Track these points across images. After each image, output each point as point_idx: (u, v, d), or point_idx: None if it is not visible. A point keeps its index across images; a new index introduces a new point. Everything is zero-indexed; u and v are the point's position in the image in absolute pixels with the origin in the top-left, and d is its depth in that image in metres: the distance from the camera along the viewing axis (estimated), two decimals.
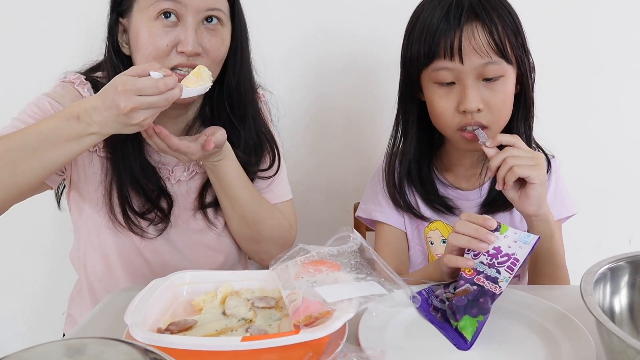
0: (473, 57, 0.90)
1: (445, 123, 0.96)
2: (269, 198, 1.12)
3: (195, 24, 0.93)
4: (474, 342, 0.71)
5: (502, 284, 0.75)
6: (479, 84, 0.92)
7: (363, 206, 1.14)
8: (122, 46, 0.99)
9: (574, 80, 1.42)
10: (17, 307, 1.61)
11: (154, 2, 0.91)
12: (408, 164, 1.05)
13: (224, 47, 0.98)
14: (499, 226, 0.81)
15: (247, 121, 1.07)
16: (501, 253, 0.78)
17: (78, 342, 0.55)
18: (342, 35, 1.39)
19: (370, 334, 0.71)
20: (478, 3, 0.91)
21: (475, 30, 0.90)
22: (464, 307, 0.74)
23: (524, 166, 0.85)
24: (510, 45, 0.92)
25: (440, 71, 0.93)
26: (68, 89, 0.99)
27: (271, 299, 0.77)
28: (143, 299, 0.74)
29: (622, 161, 1.48)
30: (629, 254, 0.67)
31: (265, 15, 1.32)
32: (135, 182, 1.00)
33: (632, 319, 0.66)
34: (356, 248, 0.79)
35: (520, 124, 1.00)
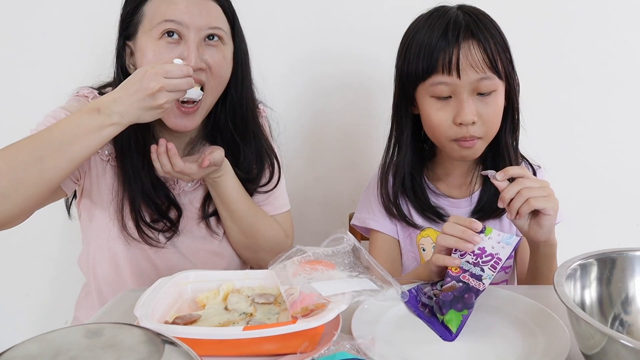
0: (469, 73, 0.95)
1: (441, 134, 1.01)
2: (268, 210, 1.18)
3: (197, 41, 0.98)
4: (458, 333, 0.76)
5: (485, 281, 0.80)
6: (474, 98, 0.97)
7: (358, 215, 1.18)
8: (129, 68, 1.04)
9: (558, 93, 1.49)
10: (21, 317, 1.64)
11: (157, 24, 0.97)
12: (402, 176, 1.09)
13: (226, 64, 1.03)
14: (484, 228, 0.86)
15: (248, 137, 1.12)
16: (485, 253, 0.83)
17: (95, 327, 0.60)
18: (338, 56, 1.46)
19: (362, 326, 0.76)
20: (473, 22, 0.98)
21: (472, 47, 0.96)
22: (450, 302, 0.79)
23: (540, 198, 0.86)
24: (501, 62, 0.98)
25: (438, 86, 0.98)
26: (82, 103, 1.04)
27: (270, 296, 0.82)
28: (151, 295, 0.79)
29: (606, 172, 1.54)
30: (597, 251, 0.73)
31: (265, 35, 1.39)
32: (146, 196, 1.04)
33: (601, 311, 0.72)
34: (350, 249, 0.84)
35: (507, 135, 1.05)
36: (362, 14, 1.43)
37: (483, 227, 0.86)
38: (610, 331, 0.57)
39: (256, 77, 1.13)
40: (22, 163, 0.85)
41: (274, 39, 1.44)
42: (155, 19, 0.97)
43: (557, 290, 0.64)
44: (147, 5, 0.99)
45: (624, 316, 0.72)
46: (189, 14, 0.97)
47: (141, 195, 1.04)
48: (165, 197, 1.08)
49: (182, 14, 0.96)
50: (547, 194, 0.87)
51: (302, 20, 1.44)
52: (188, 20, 0.97)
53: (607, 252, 0.73)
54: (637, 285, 0.72)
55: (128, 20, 1.01)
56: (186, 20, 0.97)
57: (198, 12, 0.97)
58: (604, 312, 0.72)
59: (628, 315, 0.72)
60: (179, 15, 0.96)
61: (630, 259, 0.73)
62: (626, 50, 1.47)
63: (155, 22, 0.97)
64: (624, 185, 1.56)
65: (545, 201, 0.86)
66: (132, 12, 1.00)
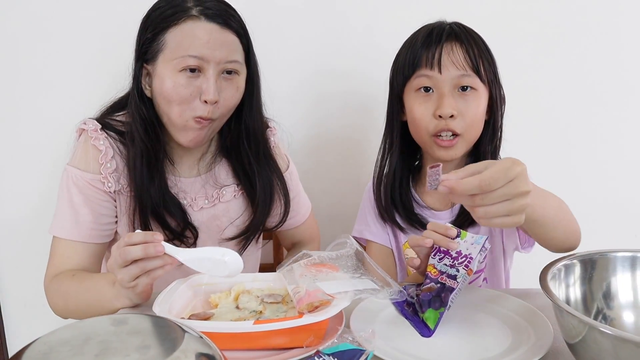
0: (450, 69, 1.03)
1: (421, 127, 1.07)
2: (297, 220, 1.26)
3: (215, 75, 1.01)
4: (435, 329, 0.82)
5: (459, 280, 0.86)
6: (455, 94, 1.05)
7: (356, 227, 1.25)
8: (144, 88, 1.07)
9: (548, 107, 1.57)
10: (38, 331, 1.70)
11: (180, 57, 1.00)
12: (392, 186, 1.16)
13: (238, 95, 1.07)
14: (460, 232, 0.92)
15: (260, 156, 1.16)
16: (461, 255, 0.89)
17: (121, 316, 0.65)
18: (340, 75, 1.54)
19: (360, 322, 0.82)
20: (458, 29, 1.07)
21: (454, 47, 1.04)
22: (429, 301, 0.85)
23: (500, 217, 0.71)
24: (483, 67, 1.05)
25: (421, 78, 1.06)
26: (86, 147, 1.07)
27: (278, 296, 0.88)
28: (168, 294, 0.85)
29: (593, 184, 1.62)
30: (581, 252, 0.78)
31: (275, 57, 1.47)
32: (162, 220, 1.08)
33: (585, 307, 0.77)
34: (352, 252, 0.90)
35: (487, 145, 1.12)
36: (364, 35, 1.51)
37: (459, 232, 0.92)
38: (590, 320, 0.62)
39: (265, 96, 1.18)
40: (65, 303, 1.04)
41: (282, 59, 1.51)
42: (178, 51, 1.00)
43: (542, 285, 0.70)
44: (169, 34, 1.01)
45: (606, 311, 0.77)
46: (210, 48, 1.00)
47: (155, 217, 1.07)
48: (180, 218, 1.10)
49: (204, 49, 0.99)
50: (506, 213, 0.71)
51: (308, 41, 1.52)
52: (209, 55, 1.00)
53: (590, 254, 0.79)
54: (619, 282, 0.78)
55: (147, 45, 1.03)
56: (207, 55, 1.00)
57: (219, 46, 1.01)
58: (587, 308, 0.77)
59: (611, 310, 0.77)
60: (201, 50, 0.99)
61: (611, 259, 0.78)
62: (615, 62, 1.54)
63: (177, 55, 1.00)
64: (619, 197, 1.62)
65: (509, 221, 0.72)
66: (152, 38, 1.02)
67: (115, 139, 1.09)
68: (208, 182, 1.17)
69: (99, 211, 1.07)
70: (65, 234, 1.06)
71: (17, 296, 1.65)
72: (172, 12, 1.01)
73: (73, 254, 1.06)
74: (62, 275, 1.04)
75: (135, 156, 1.06)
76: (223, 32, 1.02)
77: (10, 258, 1.62)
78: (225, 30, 1.03)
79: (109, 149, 1.07)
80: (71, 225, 1.06)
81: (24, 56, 1.49)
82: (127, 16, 1.07)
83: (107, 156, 1.07)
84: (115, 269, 0.85)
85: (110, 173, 1.07)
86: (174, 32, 1.01)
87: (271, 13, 1.49)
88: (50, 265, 1.07)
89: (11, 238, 1.60)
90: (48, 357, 0.54)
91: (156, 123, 1.08)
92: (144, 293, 0.89)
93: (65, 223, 1.06)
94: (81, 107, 1.18)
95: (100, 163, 1.06)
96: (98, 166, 1.06)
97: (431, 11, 1.15)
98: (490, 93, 1.08)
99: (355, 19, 1.50)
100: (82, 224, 1.06)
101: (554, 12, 1.51)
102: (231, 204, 1.18)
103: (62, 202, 1.07)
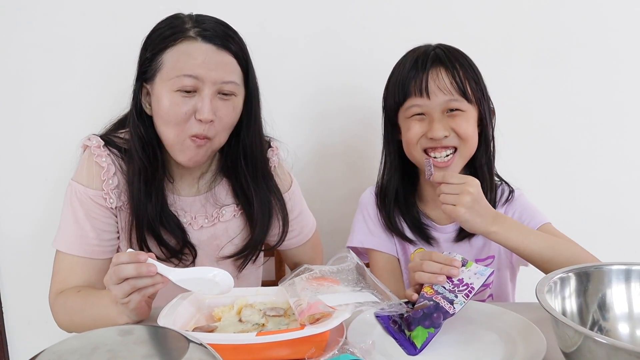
0: (438, 94, 1.07)
1: (414, 148, 1.11)
2: (300, 240, 1.27)
3: (210, 94, 1.02)
4: (422, 349, 0.83)
5: (456, 306, 0.86)
6: (444, 116, 1.09)
7: (356, 237, 1.23)
8: (145, 107, 1.08)
9: (542, 122, 1.61)
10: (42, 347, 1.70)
11: (175, 77, 1.01)
12: (394, 192, 1.18)
13: (234, 114, 1.08)
14: (466, 262, 0.93)
15: (258, 176, 1.17)
16: (463, 283, 0.90)
17: (127, 327, 0.67)
18: (341, 92, 1.57)
19: (358, 336, 0.84)
20: (443, 53, 1.10)
21: (440, 73, 1.08)
22: (419, 319, 0.85)
23: (449, 206, 0.99)
24: (470, 88, 1.09)
25: (412, 107, 1.10)
26: (89, 164, 1.08)
27: (280, 309, 0.90)
28: (172, 307, 0.87)
29: (592, 199, 1.64)
30: (576, 266, 0.80)
31: (275, 77, 1.50)
32: (158, 237, 1.10)
33: (581, 319, 0.78)
34: (353, 266, 0.92)
35: (482, 157, 1.15)
36: (362, 53, 1.55)
37: (465, 261, 0.93)
38: (585, 330, 0.63)
39: (266, 115, 1.19)
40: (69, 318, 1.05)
41: (282, 80, 1.54)
42: (174, 71, 1.02)
43: (538, 297, 0.72)
44: (167, 54, 1.03)
45: (602, 322, 0.79)
46: (205, 68, 1.01)
47: (153, 236, 1.09)
48: (180, 237, 1.11)
49: (199, 69, 1.01)
50: (453, 203, 0.99)
51: (309, 62, 1.55)
52: (204, 75, 1.01)
53: (585, 267, 0.81)
54: (614, 294, 0.79)
55: (147, 64, 1.05)
56: (202, 75, 1.01)
57: (214, 66, 1.02)
58: (583, 319, 0.79)
59: (606, 322, 0.79)
60: (196, 70, 1.01)
61: (606, 272, 0.80)
62: (612, 74, 1.57)
63: (173, 75, 1.02)
64: (618, 211, 1.64)
65: (450, 210, 1.00)
66: (150, 58, 1.04)
67: (117, 155, 1.11)
68: (208, 201, 1.18)
69: (101, 227, 1.09)
70: (70, 249, 1.07)
71: (21, 313, 1.66)
72: (170, 33, 1.04)
73: (78, 270, 1.07)
74: (67, 292, 1.05)
75: (134, 173, 1.08)
76: (219, 53, 1.04)
77: (15, 275, 1.63)
78: (222, 52, 1.04)
79: (110, 166, 1.09)
80: (75, 240, 1.07)
81: (29, 73, 1.51)
82: (133, 34, 1.09)
83: (109, 173, 1.09)
84: (109, 286, 0.89)
85: (112, 189, 1.09)
86: (170, 53, 1.03)
87: (273, 40, 1.52)
88: (55, 280, 1.09)
89: (16, 255, 1.61)
90: None
91: (155, 142, 1.09)
92: (139, 310, 0.91)
93: (70, 238, 1.08)
94: (86, 124, 1.20)
95: (103, 179, 1.08)
96: (100, 182, 1.08)
97: (425, 29, 1.20)
98: (478, 109, 1.12)
99: (353, 39, 1.54)
100: (86, 239, 1.08)
101: (548, 24, 1.55)
102: (230, 223, 1.19)
103: (66, 217, 1.09)
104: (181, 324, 0.85)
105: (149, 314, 0.95)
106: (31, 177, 1.57)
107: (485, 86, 1.14)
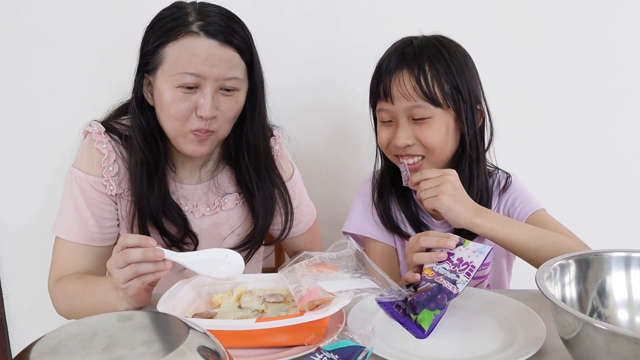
0: (401, 100, 1.05)
1: (386, 152, 1.12)
2: (300, 229, 1.26)
3: (212, 91, 1.01)
4: (430, 332, 0.83)
5: (459, 286, 0.86)
6: (410, 123, 1.06)
7: (352, 223, 1.22)
8: (147, 97, 1.08)
9: (540, 114, 1.61)
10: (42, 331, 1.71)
11: (177, 73, 1.00)
12: (390, 183, 1.18)
13: (237, 108, 1.07)
14: (463, 240, 0.93)
15: (261, 169, 1.15)
16: (462, 262, 0.90)
17: (127, 313, 0.67)
18: (344, 78, 1.57)
19: (358, 322, 0.84)
20: (412, 52, 1.05)
21: (402, 77, 1.04)
22: (423, 302, 0.85)
23: (429, 199, 0.99)
24: (440, 91, 1.04)
25: (381, 111, 1.09)
26: (90, 150, 1.08)
27: (280, 295, 0.90)
28: (172, 294, 0.87)
29: (591, 190, 1.64)
30: (576, 253, 0.80)
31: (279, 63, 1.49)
32: (160, 227, 1.09)
33: (580, 306, 0.78)
34: (353, 253, 0.92)
35: (464, 161, 1.11)
36: (362, 42, 1.53)
37: (462, 240, 0.93)
38: (584, 316, 0.63)
39: (270, 102, 1.17)
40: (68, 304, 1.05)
41: (282, 66, 1.53)
42: (176, 67, 1.00)
43: (538, 284, 0.72)
44: (169, 48, 1.01)
45: (601, 309, 0.79)
46: (208, 65, 0.99)
47: (154, 224, 1.08)
48: (181, 226, 1.11)
49: (202, 66, 0.99)
50: (436, 192, 0.99)
51: (310, 50, 1.55)
52: (207, 72, 1.00)
53: (585, 254, 0.81)
54: (613, 281, 0.79)
55: (148, 56, 1.04)
56: (205, 72, 1.00)
57: (217, 62, 1.00)
58: (583, 306, 0.79)
59: (605, 309, 0.79)
60: (199, 68, 0.99)
61: (606, 259, 0.80)
62: (612, 66, 1.57)
63: (175, 71, 1.00)
64: (616, 203, 1.65)
65: (432, 201, 0.99)
66: (152, 50, 1.02)
67: (118, 142, 1.10)
68: (210, 189, 1.18)
69: (101, 214, 1.09)
70: (70, 236, 1.07)
71: (21, 301, 1.67)
72: (173, 26, 1.01)
73: (77, 257, 1.07)
74: (66, 278, 1.05)
75: (136, 164, 1.07)
76: (223, 48, 1.01)
77: (15, 262, 1.64)
78: (225, 47, 1.02)
79: (111, 153, 1.09)
80: (75, 227, 1.07)
81: (29, 60, 1.51)
82: (133, 21, 1.08)
83: (109, 160, 1.08)
84: (112, 269, 0.88)
85: (112, 176, 1.08)
86: (172, 47, 1.01)
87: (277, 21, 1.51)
88: (54, 267, 1.08)
89: (15, 243, 1.62)
90: (57, 351, 0.56)
91: (157, 132, 1.09)
92: (138, 297, 0.90)
93: (70, 225, 1.07)
94: (86, 111, 1.20)
95: (103, 166, 1.08)
96: (101, 169, 1.08)
97: (426, 18, 1.18)
98: (457, 112, 1.06)
99: (355, 22, 1.53)
100: (86, 227, 1.07)
101: (550, 17, 1.54)
102: (232, 212, 1.19)
103: (66, 203, 1.09)
104: (181, 310, 0.85)
105: (148, 300, 0.94)
106: (31, 166, 1.57)
107: (471, 85, 1.07)
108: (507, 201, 1.16)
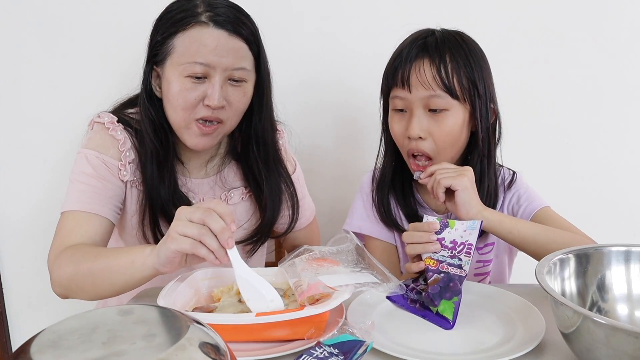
0: (419, 89, 1.03)
1: (399, 145, 1.10)
2: (301, 224, 1.26)
3: (221, 81, 1.02)
4: (455, 320, 0.83)
5: (465, 267, 0.88)
6: (425, 114, 1.04)
7: (353, 222, 1.21)
8: (155, 89, 1.08)
9: (544, 109, 1.60)
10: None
11: (186, 63, 1.00)
12: (390, 177, 1.16)
13: (245, 99, 1.07)
14: (448, 222, 0.93)
15: (269, 160, 1.16)
16: (457, 244, 0.90)
17: (127, 307, 0.67)
18: (346, 73, 1.56)
19: (358, 317, 0.84)
20: (434, 42, 1.04)
21: (423, 65, 1.03)
22: (439, 293, 0.86)
23: (447, 177, 0.98)
24: (458, 83, 1.03)
25: (395, 99, 1.07)
26: (103, 135, 1.07)
27: (280, 290, 0.89)
28: (172, 288, 0.87)
29: (592, 184, 1.63)
30: (575, 248, 0.80)
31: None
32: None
33: (580, 300, 0.79)
34: (353, 247, 0.92)
35: (474, 159, 1.10)
36: (363, 38, 1.53)
37: (446, 222, 0.93)
38: (584, 310, 0.64)
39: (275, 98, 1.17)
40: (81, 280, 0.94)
41: (285, 59, 1.53)
42: (185, 57, 1.01)
43: (537, 278, 0.72)
44: (178, 38, 1.01)
45: (601, 303, 0.79)
46: (217, 55, 1.00)
47: (163, 215, 1.08)
48: None
49: (211, 55, 1.00)
50: (456, 174, 0.99)
51: (312, 40, 1.54)
52: (215, 61, 1.00)
53: (585, 248, 0.81)
54: (613, 276, 0.80)
55: (157, 47, 1.04)
56: (213, 62, 1.00)
57: (226, 53, 1.01)
58: (582, 300, 0.79)
59: (605, 303, 0.79)
60: (207, 57, 1.00)
61: (605, 253, 0.80)
62: (616, 62, 1.56)
63: (184, 60, 1.01)
64: (617, 196, 1.64)
65: (451, 179, 0.98)
66: (161, 41, 1.03)
67: (130, 133, 1.10)
68: (217, 183, 1.18)
69: (110, 190, 1.06)
70: (76, 205, 1.03)
71: (21, 295, 1.66)
72: (182, 17, 1.02)
73: (84, 224, 1.02)
74: (79, 245, 0.99)
75: (146, 156, 1.07)
76: (231, 38, 1.02)
77: (15, 256, 1.63)
78: (233, 37, 1.02)
79: (127, 139, 1.08)
80: (83, 196, 1.03)
81: (29, 55, 1.50)
82: (140, 15, 1.08)
83: (126, 145, 1.08)
84: (181, 216, 0.82)
85: (129, 162, 1.08)
86: (182, 37, 1.01)
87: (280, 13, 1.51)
88: (57, 238, 1.02)
89: (16, 236, 1.62)
90: (57, 345, 0.56)
91: (166, 124, 1.09)
92: (174, 259, 0.83)
93: (77, 195, 1.03)
94: (86, 105, 1.20)
95: (121, 150, 1.07)
96: (118, 153, 1.07)
97: (434, 17, 1.17)
98: (472, 107, 1.06)
99: (359, 17, 1.53)
100: (95, 196, 1.03)
101: (555, 14, 1.53)
102: (239, 206, 1.19)
103: (74, 180, 1.05)
104: (181, 304, 0.85)
105: (174, 270, 0.86)
106: (30, 159, 1.57)
107: (487, 82, 1.07)
108: (512, 198, 1.16)
